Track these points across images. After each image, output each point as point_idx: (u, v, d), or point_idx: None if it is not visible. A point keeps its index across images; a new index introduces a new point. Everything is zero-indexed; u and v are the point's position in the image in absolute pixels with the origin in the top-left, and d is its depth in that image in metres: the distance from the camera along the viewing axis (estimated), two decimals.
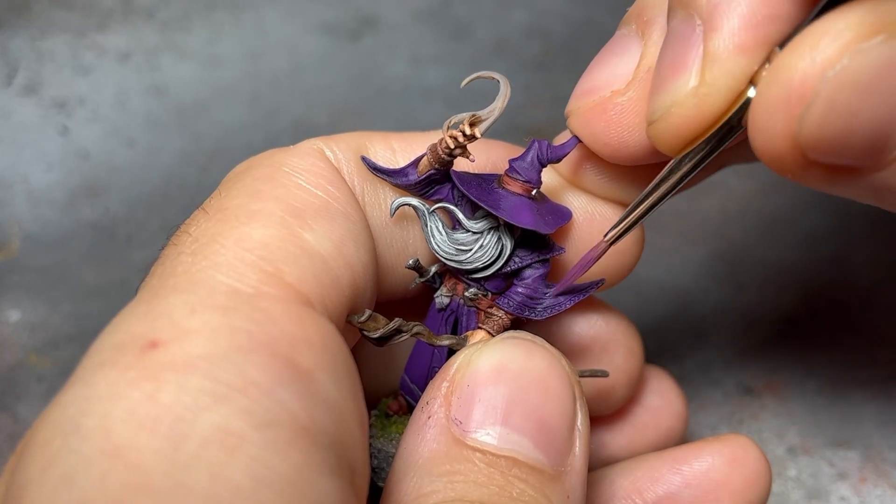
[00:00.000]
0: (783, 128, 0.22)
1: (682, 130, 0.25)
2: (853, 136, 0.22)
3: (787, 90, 0.22)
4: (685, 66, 0.25)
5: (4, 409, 0.49)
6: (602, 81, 0.28)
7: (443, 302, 0.31)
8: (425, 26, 0.71)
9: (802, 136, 0.22)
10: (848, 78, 0.21)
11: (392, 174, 0.29)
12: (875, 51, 0.21)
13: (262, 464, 0.20)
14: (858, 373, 0.49)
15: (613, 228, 0.29)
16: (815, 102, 0.21)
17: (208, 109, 0.66)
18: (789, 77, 0.22)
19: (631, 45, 0.28)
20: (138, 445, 0.19)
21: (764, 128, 0.23)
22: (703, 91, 0.24)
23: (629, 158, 0.29)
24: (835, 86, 0.21)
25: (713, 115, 0.25)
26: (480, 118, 0.27)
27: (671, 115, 0.25)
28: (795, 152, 0.22)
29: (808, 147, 0.22)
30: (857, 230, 0.57)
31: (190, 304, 0.22)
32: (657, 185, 0.28)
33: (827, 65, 0.21)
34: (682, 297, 0.55)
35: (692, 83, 0.24)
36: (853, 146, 0.22)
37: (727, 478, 0.34)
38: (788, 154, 0.23)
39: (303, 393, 0.21)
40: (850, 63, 0.21)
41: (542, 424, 0.26)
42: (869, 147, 0.22)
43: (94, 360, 0.21)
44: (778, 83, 0.22)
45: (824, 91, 0.21)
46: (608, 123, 0.28)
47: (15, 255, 0.58)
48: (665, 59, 0.26)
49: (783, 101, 0.22)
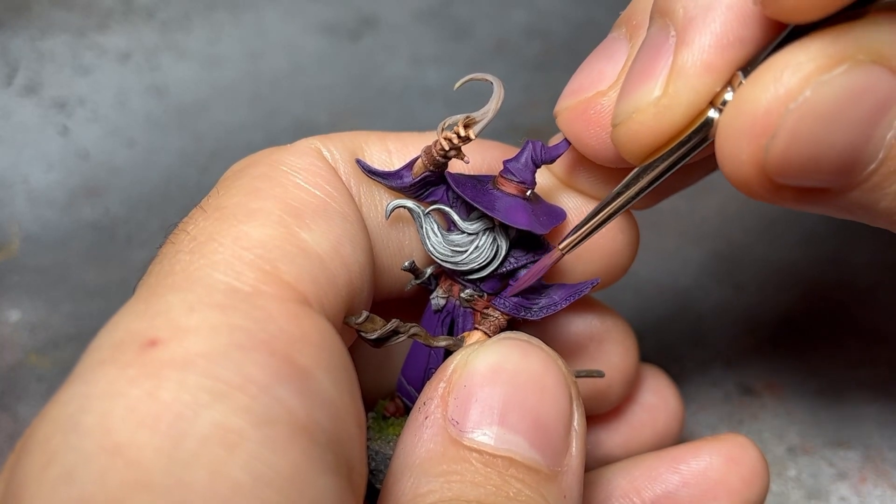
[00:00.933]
0: (749, 157, 0.23)
1: (639, 137, 0.26)
2: (819, 163, 0.22)
3: (752, 120, 0.22)
4: (653, 74, 0.25)
5: (4, 409, 0.49)
6: (588, 82, 0.29)
7: (439, 303, 0.31)
8: (425, 26, 0.71)
9: (768, 165, 0.22)
10: (810, 109, 0.21)
11: (387, 177, 0.29)
12: (836, 82, 0.21)
13: (261, 461, 0.20)
14: (858, 373, 0.49)
15: (569, 237, 0.29)
16: (779, 133, 0.22)
17: (208, 109, 0.66)
18: (753, 108, 0.22)
19: (620, 48, 0.29)
20: (138, 443, 0.19)
21: (730, 155, 0.23)
22: (664, 102, 0.25)
23: (610, 159, 0.29)
24: (798, 117, 0.21)
25: (671, 128, 0.25)
26: (475, 120, 0.27)
27: (631, 120, 0.26)
28: (763, 178, 0.23)
29: (774, 174, 0.23)
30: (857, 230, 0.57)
31: (188, 302, 0.22)
32: (616, 195, 0.28)
33: (789, 97, 0.21)
34: (682, 297, 0.55)
35: (656, 93, 0.25)
36: (820, 172, 0.23)
37: (725, 477, 0.34)
38: (756, 180, 0.23)
39: (301, 391, 0.21)
40: (813, 94, 0.21)
41: (538, 424, 0.26)
42: (836, 172, 0.23)
43: (93, 358, 0.22)
44: (743, 114, 0.22)
45: (788, 122, 0.21)
46: (588, 123, 0.28)
47: (15, 255, 0.58)
48: (636, 64, 0.26)
49: (748, 131, 0.22)
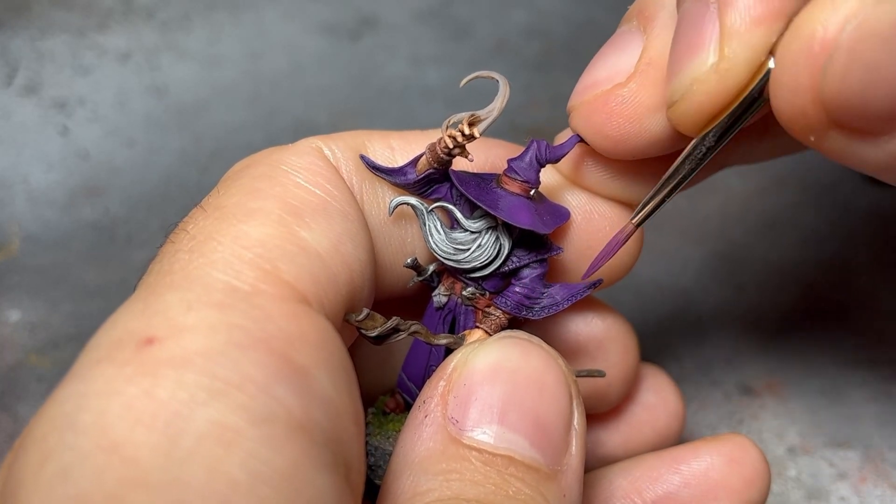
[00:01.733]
0: (806, 80, 0.22)
1: (705, 107, 0.25)
2: (876, 92, 0.22)
3: (810, 42, 0.22)
4: (702, 43, 0.25)
5: (4, 409, 0.49)
6: (604, 76, 0.29)
7: (441, 301, 0.31)
8: (425, 26, 0.71)
9: (825, 89, 0.22)
10: (869, 28, 0.21)
11: (391, 173, 0.29)
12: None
13: (259, 459, 0.20)
14: (858, 373, 0.49)
15: (639, 212, 0.29)
16: (836, 54, 0.21)
17: (208, 109, 0.66)
18: (811, 29, 0.22)
19: (633, 40, 0.28)
20: (135, 440, 0.19)
21: (787, 83, 0.23)
22: (724, 66, 0.24)
23: (631, 151, 0.29)
24: (857, 36, 0.21)
25: (735, 89, 0.25)
26: (479, 118, 0.27)
27: (693, 93, 0.25)
28: (818, 109, 0.22)
29: (831, 101, 0.22)
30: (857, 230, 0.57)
31: (187, 301, 0.22)
32: (681, 164, 0.28)
33: (849, 15, 0.21)
34: (682, 297, 0.55)
35: (711, 59, 0.24)
36: (876, 103, 0.22)
37: (726, 477, 0.34)
38: (811, 111, 0.23)
39: (299, 389, 0.21)
40: (872, 13, 0.21)
41: (538, 423, 0.26)
42: (891, 106, 0.22)
43: (90, 356, 0.22)
44: (800, 37, 0.22)
45: (846, 41, 0.21)
46: (609, 115, 0.28)
47: (15, 255, 0.58)
48: (680, 40, 0.26)
49: (805, 53, 0.22)
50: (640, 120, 0.28)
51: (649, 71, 0.28)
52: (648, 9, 0.28)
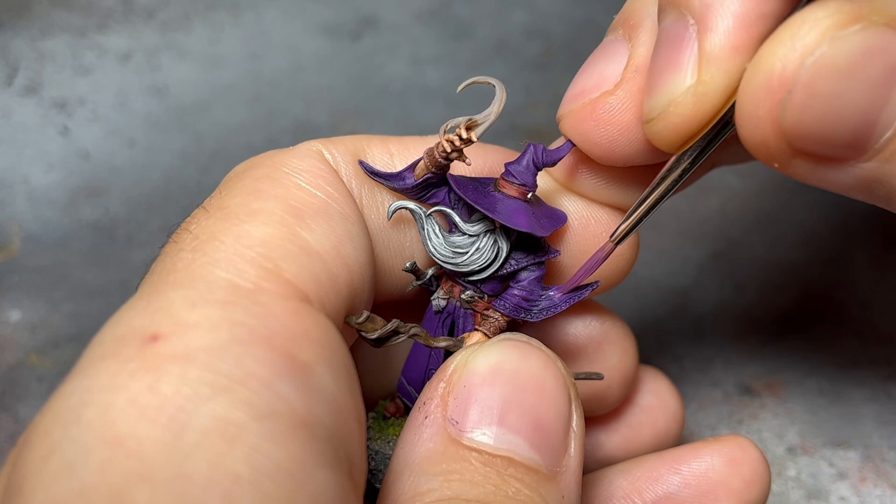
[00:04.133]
0: (766, 113, 0.23)
1: (681, 128, 0.26)
2: (835, 123, 0.22)
3: (769, 76, 0.22)
4: (680, 64, 0.25)
5: (5, 409, 0.50)
6: (591, 84, 0.29)
7: (439, 304, 0.31)
8: (425, 26, 0.71)
9: (785, 122, 0.23)
10: (826, 63, 0.22)
11: (389, 178, 0.29)
12: (853, 38, 0.21)
13: (262, 454, 0.20)
14: (858, 373, 0.49)
15: (618, 229, 0.29)
16: (795, 88, 0.22)
17: (208, 109, 0.66)
18: (770, 64, 0.22)
19: (619, 48, 0.29)
20: (139, 435, 0.19)
21: (749, 115, 0.23)
22: (701, 90, 0.25)
23: (620, 159, 0.29)
24: (814, 71, 0.22)
25: (710, 113, 0.25)
26: (477, 122, 0.27)
27: (669, 113, 0.26)
28: (780, 139, 0.23)
29: (791, 133, 0.23)
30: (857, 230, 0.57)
31: (190, 298, 0.22)
32: (658, 183, 0.28)
33: (806, 51, 0.22)
34: (682, 297, 0.55)
35: (689, 81, 0.25)
36: (835, 133, 0.23)
37: (726, 478, 0.34)
38: (773, 141, 0.23)
39: (301, 386, 0.22)
40: (829, 49, 0.22)
41: (537, 425, 0.26)
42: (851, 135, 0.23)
43: (94, 352, 0.22)
44: (760, 71, 0.23)
45: (804, 77, 0.22)
46: (597, 123, 0.28)
47: (15, 255, 0.58)
48: (659, 58, 0.26)
49: (765, 87, 0.22)
50: (628, 127, 0.28)
51: (636, 79, 0.28)
52: (633, 17, 0.29)
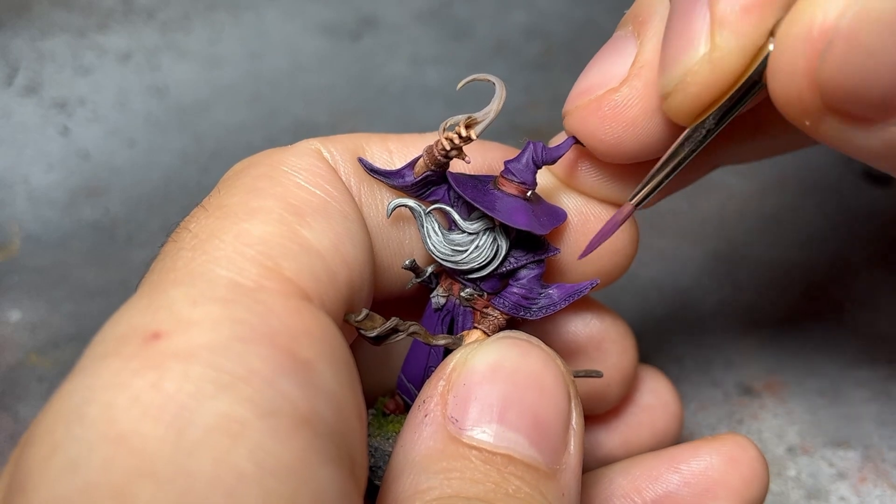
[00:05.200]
0: (803, 66, 0.22)
1: (700, 97, 0.25)
2: (873, 78, 0.22)
3: (808, 28, 0.22)
4: (693, 35, 0.25)
5: (5, 409, 0.50)
6: (598, 81, 0.29)
7: (439, 302, 0.31)
8: (425, 26, 0.71)
9: (822, 75, 0.22)
10: (870, 14, 0.21)
11: (388, 175, 0.29)
12: None
13: (265, 451, 0.20)
14: (858, 373, 0.49)
15: (638, 191, 0.29)
16: (836, 39, 0.21)
17: (208, 109, 0.66)
18: (810, 15, 0.22)
19: (627, 45, 0.29)
20: (142, 432, 0.19)
21: (784, 68, 0.23)
22: (717, 55, 0.24)
23: (624, 155, 0.29)
24: (856, 22, 0.21)
25: (730, 77, 0.25)
26: (476, 120, 0.27)
27: (686, 83, 0.25)
28: (814, 95, 0.22)
29: (827, 86, 0.22)
30: (857, 230, 0.57)
31: (191, 296, 0.22)
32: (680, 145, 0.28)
33: (850, 1, 0.21)
34: (682, 297, 0.55)
35: (703, 49, 0.24)
36: (872, 89, 0.22)
37: (725, 476, 0.34)
38: (807, 96, 0.23)
39: (303, 383, 0.22)
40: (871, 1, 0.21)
41: (537, 423, 0.26)
42: (886, 94, 0.22)
43: (96, 351, 0.22)
44: (798, 22, 0.22)
45: (845, 27, 0.21)
46: (603, 120, 0.28)
47: (15, 255, 0.58)
48: (672, 33, 0.26)
49: (803, 39, 0.22)
50: (633, 124, 0.28)
51: (642, 76, 0.28)
52: (642, 14, 0.28)
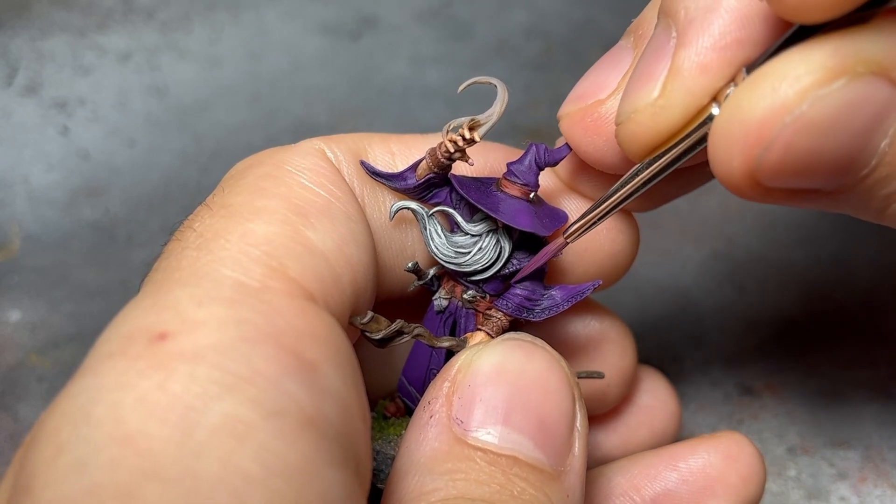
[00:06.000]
0: (740, 164, 0.22)
1: (638, 138, 0.26)
2: (812, 172, 0.22)
3: (746, 129, 0.22)
4: (654, 75, 0.25)
5: (5, 409, 0.49)
6: (591, 90, 0.29)
7: (441, 304, 0.31)
8: (425, 26, 0.71)
9: (760, 173, 0.22)
10: (806, 122, 0.21)
11: (391, 178, 0.29)
12: (834, 96, 0.21)
13: (271, 452, 0.20)
14: (858, 373, 0.49)
15: (572, 226, 0.29)
16: (772, 145, 0.22)
17: (208, 109, 0.66)
18: (749, 117, 0.22)
19: (624, 56, 0.29)
20: (149, 433, 0.19)
21: (722, 160, 0.23)
22: (661, 104, 0.25)
23: (607, 165, 0.29)
24: (793, 130, 0.21)
25: (668, 128, 0.25)
26: (479, 122, 0.27)
27: (630, 121, 0.26)
28: (753, 184, 0.23)
29: (765, 180, 0.23)
30: (857, 230, 0.57)
31: (196, 296, 0.22)
32: (618, 188, 0.28)
33: (785, 109, 0.21)
34: (682, 297, 0.55)
35: (654, 94, 0.25)
36: (812, 179, 0.23)
37: (723, 474, 0.34)
38: (746, 185, 0.23)
39: (309, 384, 0.22)
40: (809, 109, 0.21)
41: (542, 424, 0.26)
42: (828, 178, 0.23)
43: (102, 351, 0.22)
44: (737, 121, 0.22)
45: (782, 135, 0.21)
46: (586, 130, 0.29)
47: (15, 255, 0.58)
48: (641, 64, 0.26)
49: (741, 139, 0.22)
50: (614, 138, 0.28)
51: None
52: (642, 27, 0.29)
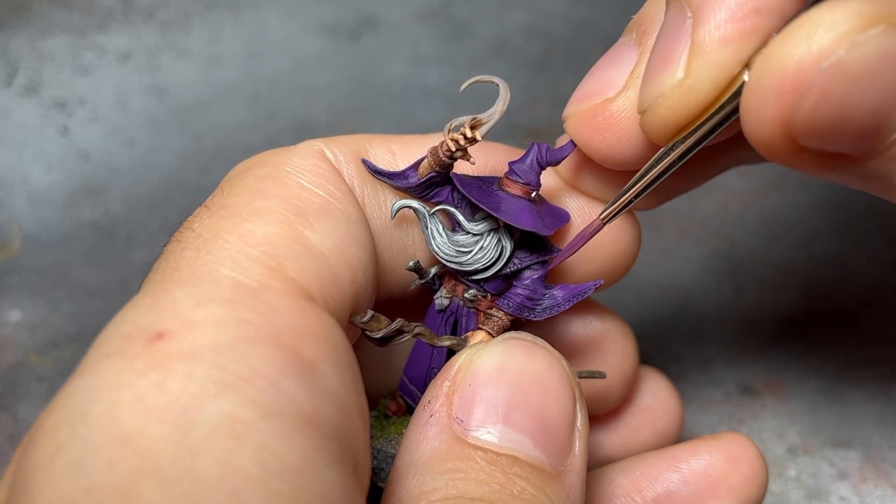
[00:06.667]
0: (775, 114, 0.22)
1: (669, 121, 0.26)
2: (845, 126, 0.22)
3: (781, 78, 0.22)
4: (674, 57, 0.25)
5: (5, 409, 0.49)
6: (597, 88, 0.29)
7: (442, 303, 0.31)
8: (425, 26, 0.71)
9: (794, 124, 0.22)
10: (843, 69, 0.21)
11: (392, 177, 0.29)
12: (872, 43, 0.21)
13: (269, 452, 0.20)
14: (858, 373, 0.49)
15: (607, 209, 0.30)
16: (808, 92, 0.21)
17: (208, 109, 0.66)
18: (784, 65, 0.22)
19: (629, 53, 0.29)
20: (147, 432, 0.19)
21: (756, 114, 0.23)
22: (689, 83, 0.25)
23: (619, 163, 0.29)
24: (830, 77, 0.21)
25: (699, 106, 0.25)
26: (481, 121, 0.27)
27: (658, 105, 0.26)
28: (787, 139, 0.23)
29: (799, 134, 0.22)
30: (857, 230, 0.57)
31: (195, 296, 0.22)
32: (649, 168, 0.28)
33: (822, 55, 0.21)
34: (682, 297, 0.55)
35: (679, 75, 0.25)
36: (845, 135, 0.22)
37: (725, 475, 0.34)
38: (779, 140, 0.23)
39: (307, 384, 0.22)
40: (847, 55, 0.21)
41: (542, 424, 0.26)
42: (860, 136, 0.22)
43: (100, 350, 0.22)
44: (772, 70, 0.22)
45: (819, 82, 0.21)
46: (597, 129, 0.29)
47: (15, 255, 0.58)
48: (656, 50, 0.26)
49: (776, 88, 0.22)
50: (627, 134, 0.28)
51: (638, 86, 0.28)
52: (644, 23, 0.29)
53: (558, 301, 0.30)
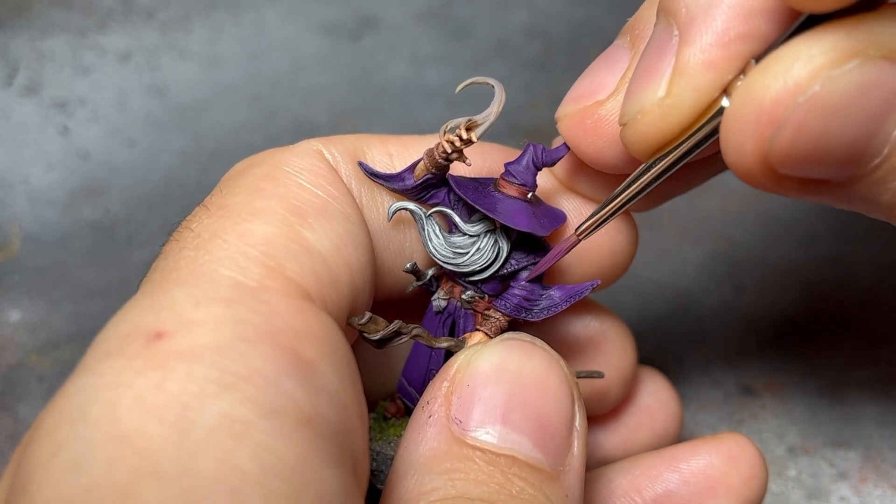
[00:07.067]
0: (753, 147, 0.22)
1: (647, 138, 0.26)
2: (824, 156, 0.22)
3: (758, 111, 0.22)
4: (657, 74, 0.25)
5: (5, 409, 0.49)
6: (589, 91, 0.29)
7: (440, 305, 0.31)
8: (425, 26, 0.71)
9: (772, 156, 0.22)
10: (819, 103, 0.21)
11: (389, 179, 0.29)
12: (847, 77, 0.21)
13: (268, 451, 0.20)
14: (858, 373, 0.49)
15: (583, 224, 0.29)
16: (785, 125, 0.22)
17: (208, 109, 0.66)
18: (761, 98, 0.22)
19: (621, 56, 0.29)
20: (146, 432, 0.19)
21: (734, 144, 0.23)
22: (668, 102, 0.25)
23: (607, 167, 0.29)
24: (806, 111, 0.21)
25: (677, 126, 0.25)
26: (477, 123, 0.27)
27: (637, 121, 0.26)
28: (766, 168, 0.23)
29: (777, 165, 0.23)
30: (857, 230, 0.57)
31: (194, 296, 0.22)
32: (628, 185, 0.28)
33: (798, 89, 0.21)
34: (682, 297, 0.55)
35: (660, 93, 0.25)
36: (824, 164, 0.23)
37: (725, 475, 0.34)
38: (759, 170, 0.23)
39: (306, 383, 0.22)
40: (822, 89, 0.21)
41: (540, 424, 0.26)
42: (840, 164, 0.23)
43: (99, 350, 0.22)
44: (750, 102, 0.22)
45: (795, 115, 0.21)
46: (586, 131, 0.29)
47: (15, 255, 0.58)
48: (642, 63, 0.26)
49: (753, 121, 0.22)
50: (615, 140, 0.28)
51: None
52: (638, 26, 0.29)
53: (556, 301, 0.30)
